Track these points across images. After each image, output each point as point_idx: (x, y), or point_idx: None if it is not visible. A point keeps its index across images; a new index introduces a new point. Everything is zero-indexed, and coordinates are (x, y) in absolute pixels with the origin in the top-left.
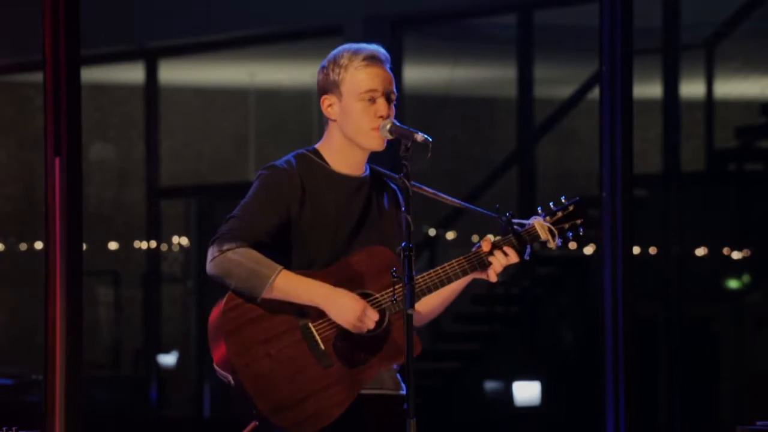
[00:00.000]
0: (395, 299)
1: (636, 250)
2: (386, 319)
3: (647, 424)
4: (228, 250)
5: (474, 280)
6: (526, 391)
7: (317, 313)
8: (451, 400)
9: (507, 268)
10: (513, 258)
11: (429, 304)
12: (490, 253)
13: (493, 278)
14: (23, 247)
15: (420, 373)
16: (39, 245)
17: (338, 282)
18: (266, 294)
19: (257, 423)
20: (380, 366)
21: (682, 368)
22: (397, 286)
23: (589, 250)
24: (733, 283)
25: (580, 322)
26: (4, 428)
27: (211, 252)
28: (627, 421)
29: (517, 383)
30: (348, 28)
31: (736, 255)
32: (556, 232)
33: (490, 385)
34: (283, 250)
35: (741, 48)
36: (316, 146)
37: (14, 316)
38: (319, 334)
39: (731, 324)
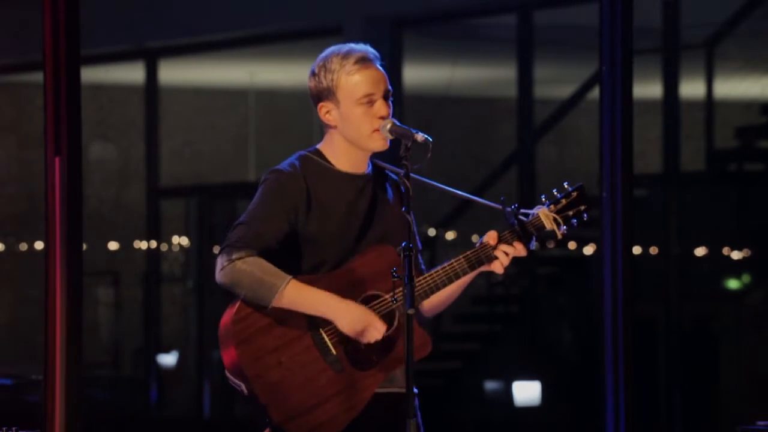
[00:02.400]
0: (395, 299)
1: (636, 250)
2: (396, 320)
3: (647, 424)
4: (237, 259)
5: (473, 280)
6: (526, 391)
7: (327, 319)
8: (451, 400)
9: (512, 262)
10: (520, 250)
11: (434, 300)
12: (496, 246)
13: (500, 270)
14: (23, 247)
15: (420, 373)
16: (39, 245)
17: (347, 285)
18: (275, 303)
19: (270, 430)
20: (393, 367)
21: (682, 368)
22: (400, 287)
23: (589, 250)
24: (733, 283)
25: (580, 321)
26: (4, 428)
27: (221, 261)
28: (627, 421)
29: (517, 383)
30: (348, 28)
31: (736, 255)
32: (561, 220)
33: (490, 385)
34: (293, 253)
35: (741, 48)
36: (318, 147)
37: (14, 316)
38: (330, 340)
39: (731, 324)
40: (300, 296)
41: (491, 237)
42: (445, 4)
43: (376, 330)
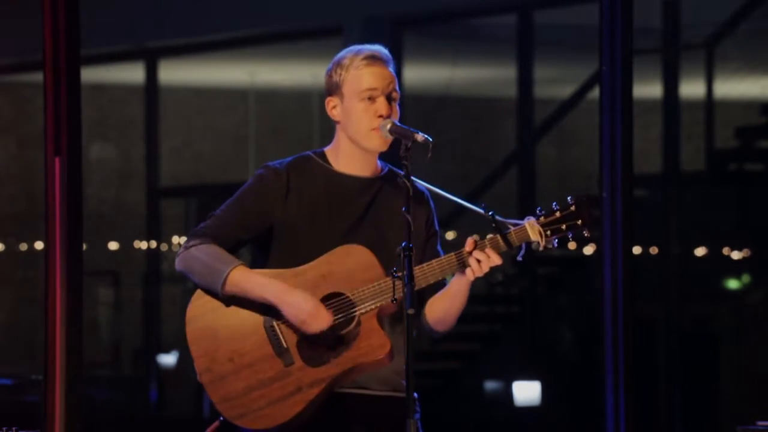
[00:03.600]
0: (395, 299)
1: (636, 250)
2: (355, 321)
3: (647, 424)
4: (192, 246)
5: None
6: (526, 391)
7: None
8: (451, 400)
9: (492, 270)
10: (495, 260)
11: (436, 313)
12: (471, 253)
13: (471, 277)
14: (23, 247)
15: (420, 373)
16: (39, 245)
17: (311, 281)
18: (223, 290)
19: (219, 422)
20: (346, 365)
21: (682, 368)
22: (379, 282)
23: (589, 250)
24: (733, 283)
25: (580, 322)
26: (4, 428)
27: (180, 249)
28: (627, 421)
29: (517, 383)
30: (348, 28)
31: (736, 255)
32: (544, 233)
33: (490, 385)
34: (276, 250)
35: (741, 48)
36: (325, 149)
37: (14, 316)
38: (282, 331)
39: (731, 324)
40: (246, 282)
41: (468, 243)
42: (445, 4)
43: (320, 319)
